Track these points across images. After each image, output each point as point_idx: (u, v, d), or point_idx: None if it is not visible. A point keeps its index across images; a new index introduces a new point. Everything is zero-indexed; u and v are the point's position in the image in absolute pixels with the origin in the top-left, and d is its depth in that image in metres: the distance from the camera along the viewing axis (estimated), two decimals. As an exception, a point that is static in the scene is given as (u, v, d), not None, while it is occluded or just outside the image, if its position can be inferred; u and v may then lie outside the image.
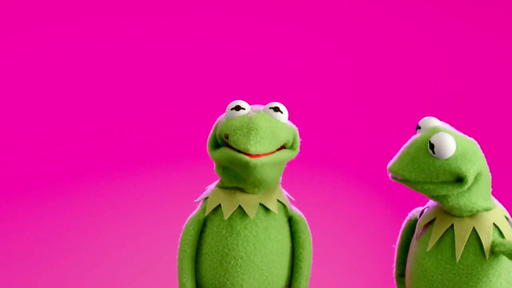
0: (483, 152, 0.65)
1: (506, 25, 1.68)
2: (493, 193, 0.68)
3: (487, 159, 0.65)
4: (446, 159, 0.62)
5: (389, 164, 0.65)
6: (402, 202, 1.13)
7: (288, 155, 0.69)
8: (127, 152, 1.38)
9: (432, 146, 0.62)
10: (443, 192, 0.63)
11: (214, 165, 0.70)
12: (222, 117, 0.69)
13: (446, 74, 1.64)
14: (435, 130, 0.64)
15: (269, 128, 0.67)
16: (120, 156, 1.36)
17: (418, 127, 0.66)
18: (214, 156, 0.69)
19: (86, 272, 0.97)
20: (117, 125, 1.48)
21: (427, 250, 0.67)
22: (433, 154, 0.62)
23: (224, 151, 0.67)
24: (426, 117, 0.66)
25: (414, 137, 0.65)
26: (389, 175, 0.65)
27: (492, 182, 0.66)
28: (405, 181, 0.64)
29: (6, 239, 1.06)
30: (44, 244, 1.04)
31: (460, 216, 0.66)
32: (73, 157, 1.35)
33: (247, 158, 0.65)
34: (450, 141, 0.62)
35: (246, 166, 0.66)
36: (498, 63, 1.64)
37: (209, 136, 0.69)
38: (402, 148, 0.65)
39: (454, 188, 0.63)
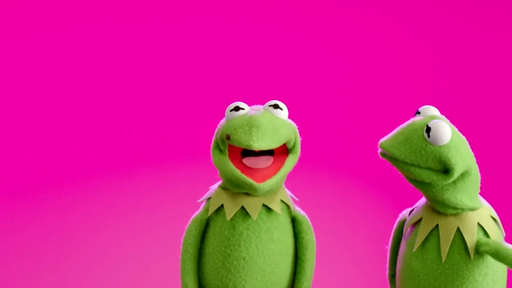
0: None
1: (506, 25, 1.68)
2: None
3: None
4: (439, 146, 0.62)
5: (381, 140, 0.65)
6: (402, 202, 1.13)
7: (291, 163, 0.69)
8: (127, 152, 1.38)
9: (428, 129, 0.63)
10: (427, 179, 0.63)
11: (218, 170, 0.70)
12: (222, 121, 0.69)
13: (446, 74, 1.64)
14: (435, 118, 0.64)
15: (270, 124, 0.66)
16: (120, 156, 1.36)
17: (418, 112, 0.66)
18: (219, 167, 0.68)
19: (86, 272, 0.97)
20: (117, 125, 1.48)
21: (414, 250, 0.67)
22: (427, 138, 0.63)
23: (231, 170, 0.67)
24: (428, 105, 0.66)
25: (412, 119, 0.65)
26: (379, 150, 0.65)
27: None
28: (393, 159, 0.64)
29: (6, 239, 1.06)
30: (44, 244, 1.04)
31: (444, 214, 0.66)
32: (73, 157, 1.35)
33: (255, 184, 0.65)
34: (447, 130, 0.63)
35: (252, 190, 0.66)
36: (498, 63, 1.64)
37: (212, 143, 0.69)
38: (398, 128, 0.65)
39: (439, 178, 0.63)
